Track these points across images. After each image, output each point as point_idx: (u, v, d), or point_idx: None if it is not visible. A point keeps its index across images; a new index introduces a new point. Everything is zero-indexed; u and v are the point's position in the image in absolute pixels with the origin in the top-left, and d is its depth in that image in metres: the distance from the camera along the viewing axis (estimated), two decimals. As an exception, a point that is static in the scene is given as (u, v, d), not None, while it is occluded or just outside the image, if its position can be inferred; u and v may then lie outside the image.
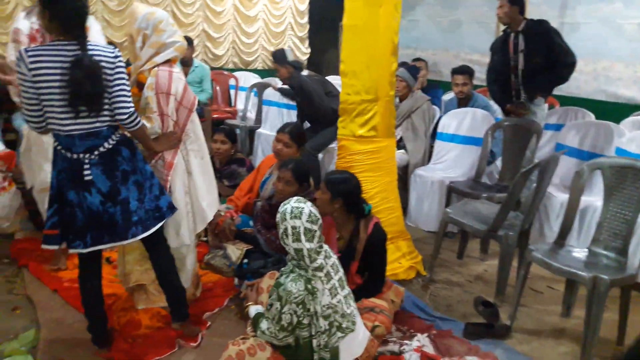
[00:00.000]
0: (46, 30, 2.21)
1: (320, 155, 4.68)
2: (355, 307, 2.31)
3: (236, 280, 2.99)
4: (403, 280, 3.24)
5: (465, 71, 4.63)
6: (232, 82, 7.01)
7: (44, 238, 2.27)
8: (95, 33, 3.09)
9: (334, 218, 2.67)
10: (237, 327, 2.68)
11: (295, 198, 2.20)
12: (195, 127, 2.64)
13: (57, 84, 2.07)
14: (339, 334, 2.16)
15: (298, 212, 2.11)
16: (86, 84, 2.05)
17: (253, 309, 2.37)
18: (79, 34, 2.11)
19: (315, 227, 2.12)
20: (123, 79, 2.19)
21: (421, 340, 2.55)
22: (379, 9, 3.08)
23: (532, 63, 3.82)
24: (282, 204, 2.17)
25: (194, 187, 2.65)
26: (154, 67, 2.47)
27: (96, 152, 2.18)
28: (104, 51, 2.16)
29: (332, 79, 7.71)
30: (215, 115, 6.17)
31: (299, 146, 3.52)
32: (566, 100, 5.23)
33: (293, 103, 5.96)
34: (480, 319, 2.78)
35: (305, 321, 2.12)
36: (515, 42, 3.88)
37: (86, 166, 2.17)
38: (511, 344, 2.67)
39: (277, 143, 3.49)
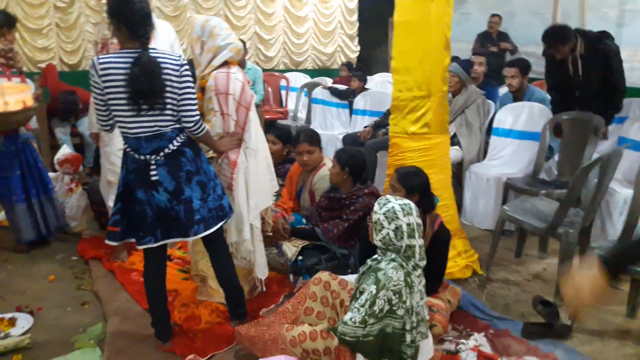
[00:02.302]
0: (115, 38, 2.33)
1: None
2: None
3: (291, 277, 3.03)
4: (459, 279, 3.19)
5: (514, 64, 4.49)
6: (283, 82, 7.11)
7: (107, 234, 2.44)
8: (165, 39, 3.22)
9: None
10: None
11: (392, 197, 2.16)
12: (253, 125, 2.70)
13: (122, 88, 2.18)
14: (419, 337, 2.13)
15: (408, 208, 2.10)
16: (144, 79, 2.14)
17: None
18: (142, 40, 2.21)
19: (421, 223, 2.15)
20: (190, 87, 2.27)
21: (478, 339, 2.51)
22: (431, 3, 3.04)
23: (588, 90, 3.72)
24: (381, 204, 2.12)
25: (251, 184, 2.71)
26: (213, 71, 2.59)
27: (162, 154, 2.28)
28: (168, 57, 2.24)
29: (382, 76, 7.77)
30: (267, 116, 6.27)
31: (320, 147, 3.53)
32: (630, 92, 4.99)
33: (342, 101, 5.99)
34: (540, 318, 2.70)
35: (400, 312, 2.04)
36: (574, 62, 3.75)
37: (153, 167, 2.28)
38: (572, 345, 2.58)
39: (300, 155, 3.50)
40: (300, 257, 3.00)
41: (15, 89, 3.30)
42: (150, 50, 2.22)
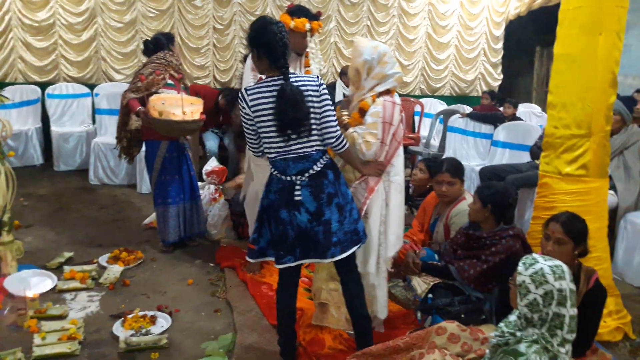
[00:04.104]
0: (257, 67, 2.45)
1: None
2: None
3: (419, 315, 2.91)
4: (608, 343, 2.84)
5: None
6: (417, 108, 7.01)
7: (247, 251, 2.54)
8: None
9: None
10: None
11: (539, 256, 1.90)
12: (399, 160, 2.70)
13: (270, 116, 2.29)
14: None
15: (560, 271, 1.82)
16: (289, 110, 2.24)
17: None
18: (282, 70, 2.30)
19: (574, 289, 1.87)
20: (328, 104, 2.34)
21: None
22: (598, 37, 2.80)
23: None
24: (527, 265, 1.86)
25: (388, 218, 2.68)
26: (373, 94, 2.62)
27: (306, 175, 2.34)
28: (308, 80, 2.33)
29: (526, 107, 7.35)
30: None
31: (462, 180, 3.35)
32: None
33: (484, 131, 5.75)
34: None
35: None
36: None
37: (297, 187, 2.34)
38: None
39: (439, 185, 3.36)
40: (430, 295, 2.87)
41: (190, 101, 3.61)
42: (291, 77, 2.30)
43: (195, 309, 3.16)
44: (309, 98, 2.30)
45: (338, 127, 2.39)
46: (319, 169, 2.35)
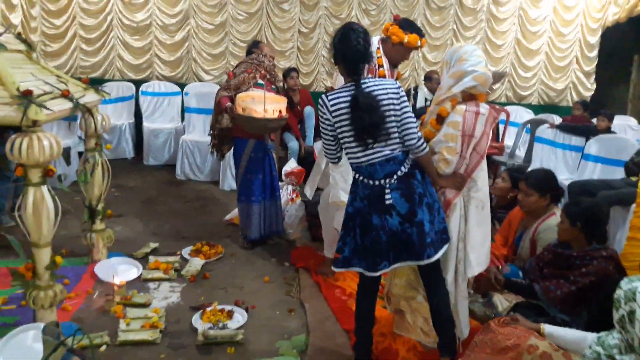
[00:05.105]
0: (339, 71, 2.48)
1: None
2: None
3: (498, 333, 2.79)
4: None
5: None
6: (502, 116, 6.73)
7: (332, 260, 2.51)
8: None
9: None
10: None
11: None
12: (482, 175, 2.55)
13: (347, 122, 2.31)
14: None
15: None
16: (365, 118, 2.25)
17: None
18: (354, 77, 2.32)
19: None
20: (407, 107, 2.35)
21: None
22: None
23: None
24: (627, 280, 1.79)
25: (467, 236, 2.53)
26: (451, 96, 2.49)
27: (395, 177, 2.33)
28: (387, 85, 2.34)
29: (620, 120, 6.88)
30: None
31: (543, 194, 3.15)
32: None
33: (574, 143, 5.45)
34: None
35: None
36: None
37: (387, 190, 2.32)
38: None
39: (520, 193, 3.23)
40: (512, 313, 2.74)
41: (273, 99, 3.69)
42: (368, 82, 2.31)
43: (270, 307, 3.22)
44: (388, 101, 2.30)
45: (417, 129, 2.37)
46: (406, 170, 2.34)
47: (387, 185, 2.32)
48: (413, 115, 2.36)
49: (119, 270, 3.36)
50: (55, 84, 2.82)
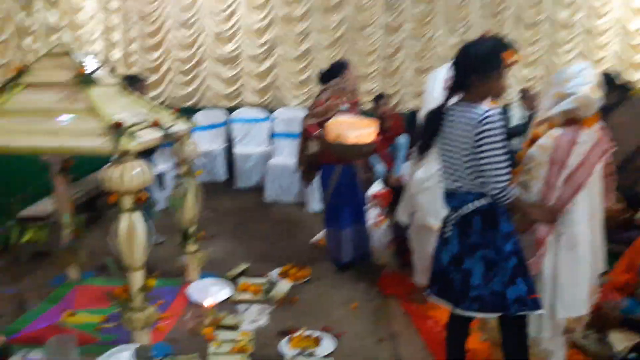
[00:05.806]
0: None
1: None
2: None
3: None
4: None
5: None
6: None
7: (426, 288, 2.42)
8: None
9: None
10: None
11: None
12: (579, 210, 2.25)
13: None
14: None
15: None
16: (419, 135, 2.24)
17: None
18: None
19: None
20: (490, 149, 1.98)
21: None
22: None
23: None
24: None
25: (558, 279, 2.30)
26: (548, 119, 2.30)
27: (457, 213, 2.18)
28: (469, 115, 2.06)
29: None
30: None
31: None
32: None
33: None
34: None
35: None
36: None
37: (449, 223, 2.21)
38: None
39: None
40: (632, 355, 2.44)
41: (364, 124, 3.67)
42: (457, 108, 2.13)
43: (358, 335, 3.11)
44: (461, 132, 2.07)
45: (504, 178, 1.99)
46: (467, 211, 2.13)
47: (452, 219, 2.19)
48: (499, 160, 1.98)
49: (210, 292, 3.41)
50: (146, 115, 2.95)
